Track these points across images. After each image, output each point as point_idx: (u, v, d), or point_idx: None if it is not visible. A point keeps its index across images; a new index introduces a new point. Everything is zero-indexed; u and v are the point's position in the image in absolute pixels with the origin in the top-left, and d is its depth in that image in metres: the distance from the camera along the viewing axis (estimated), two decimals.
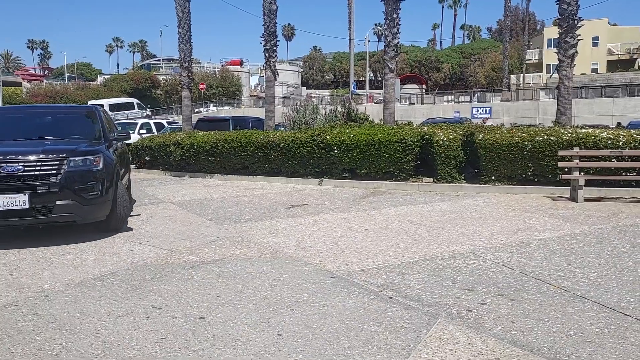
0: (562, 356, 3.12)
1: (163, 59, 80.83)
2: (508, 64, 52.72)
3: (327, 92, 68.92)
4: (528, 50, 60.73)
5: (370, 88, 59.26)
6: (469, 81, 71.33)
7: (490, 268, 4.99)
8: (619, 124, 23.98)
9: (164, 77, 66.90)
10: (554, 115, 14.76)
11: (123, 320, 3.77)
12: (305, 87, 75.23)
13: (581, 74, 47.61)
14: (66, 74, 78.45)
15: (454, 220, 7.41)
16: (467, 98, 51.09)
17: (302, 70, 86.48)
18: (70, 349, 3.31)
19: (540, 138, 9.87)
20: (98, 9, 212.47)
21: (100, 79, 73.53)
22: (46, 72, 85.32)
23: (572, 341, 3.33)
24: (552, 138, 9.80)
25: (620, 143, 9.52)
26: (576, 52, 13.57)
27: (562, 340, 3.35)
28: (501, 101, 45.78)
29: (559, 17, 13.72)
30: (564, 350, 3.21)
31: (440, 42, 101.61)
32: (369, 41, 54.21)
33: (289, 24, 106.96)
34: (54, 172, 5.95)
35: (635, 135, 9.63)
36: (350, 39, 31.48)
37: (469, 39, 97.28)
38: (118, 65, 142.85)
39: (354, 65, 37.61)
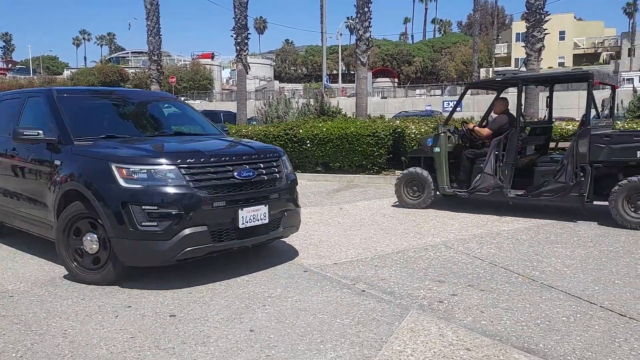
0: (530, 345, 3.19)
1: (132, 52, 78.99)
2: (478, 58, 53.37)
3: (299, 86, 68.66)
4: (497, 45, 61.69)
5: (343, 82, 59.26)
6: (440, 75, 72.01)
7: (460, 259, 5.06)
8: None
9: (133, 70, 65.48)
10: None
11: (91, 319, 3.68)
12: (277, 81, 74.67)
13: (548, 67, 48.58)
14: (31, 67, 76.10)
15: (425, 213, 7.49)
16: (439, 92, 51.66)
17: (274, 63, 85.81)
18: (35, 350, 3.22)
19: None
20: (64, 1, 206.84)
21: (67, 73, 71.57)
22: (9, 65, 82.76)
23: (539, 330, 3.41)
24: None
25: None
26: (543, 46, 13.86)
27: (530, 329, 3.43)
28: (471, 94, 46.42)
29: (527, 11, 13.98)
30: (531, 339, 3.28)
31: (412, 35, 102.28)
32: (341, 35, 54.33)
33: (260, 17, 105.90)
34: (278, 176, 4.91)
35: None
36: (322, 33, 31.47)
37: (439, 33, 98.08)
38: (85, 58, 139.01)
39: (327, 58, 37.57)
